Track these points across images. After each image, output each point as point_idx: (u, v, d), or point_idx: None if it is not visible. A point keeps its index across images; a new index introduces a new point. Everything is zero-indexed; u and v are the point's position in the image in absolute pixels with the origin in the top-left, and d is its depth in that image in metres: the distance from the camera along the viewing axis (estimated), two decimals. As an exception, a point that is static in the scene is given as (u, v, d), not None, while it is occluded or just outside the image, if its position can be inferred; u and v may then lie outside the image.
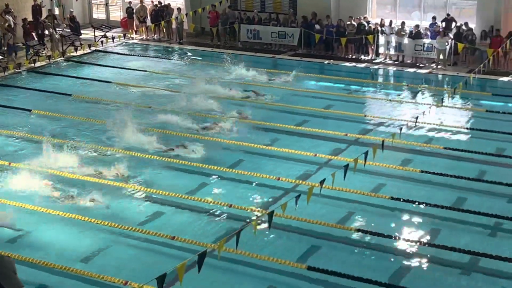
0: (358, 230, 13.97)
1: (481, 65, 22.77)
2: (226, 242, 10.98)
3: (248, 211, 14.87)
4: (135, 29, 33.50)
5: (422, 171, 16.79)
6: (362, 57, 29.32)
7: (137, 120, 19.96)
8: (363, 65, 28.26)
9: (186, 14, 32.36)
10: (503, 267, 12.57)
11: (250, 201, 15.42)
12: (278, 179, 16.42)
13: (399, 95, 24.12)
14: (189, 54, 30.78)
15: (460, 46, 27.00)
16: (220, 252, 10.80)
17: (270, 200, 15.45)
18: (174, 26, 32.72)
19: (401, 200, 15.25)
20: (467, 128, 20.19)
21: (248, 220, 14.20)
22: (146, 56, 30.10)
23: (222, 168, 17.06)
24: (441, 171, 16.72)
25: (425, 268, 12.85)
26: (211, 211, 14.89)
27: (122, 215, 14.70)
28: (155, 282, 9.48)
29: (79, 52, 29.58)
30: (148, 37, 33.40)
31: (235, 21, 31.76)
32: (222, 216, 14.72)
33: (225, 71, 26.57)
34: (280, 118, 21.02)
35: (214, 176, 16.71)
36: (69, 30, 32.33)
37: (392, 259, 13.12)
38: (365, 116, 21.43)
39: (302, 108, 21.92)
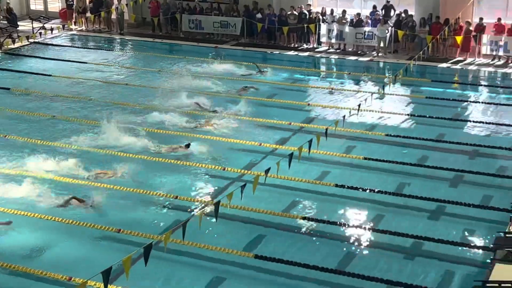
0: (304, 218, 14.06)
1: (421, 52, 23.14)
2: (172, 233, 10.89)
3: (194, 202, 14.80)
4: (74, 20, 32.89)
5: (365, 158, 17.00)
6: (304, 45, 29.46)
7: (77, 113, 19.63)
8: (305, 53, 28.41)
9: (127, 4, 31.95)
10: (446, 250, 12.82)
11: (196, 192, 15.33)
12: (224, 169, 16.38)
13: (341, 84, 24.34)
14: (130, 44, 30.41)
15: (400, 33, 27.40)
16: (167, 244, 10.71)
17: (216, 190, 15.40)
18: (114, 16, 32.24)
19: (345, 187, 15.41)
20: (408, 115, 20.50)
21: (192, 211, 14.13)
22: (86, 48, 29.61)
23: (167, 160, 16.91)
24: (384, 157, 16.95)
25: (370, 253, 13.01)
26: (157, 203, 14.75)
27: (65, 209, 14.41)
28: (100, 277, 9.34)
29: (17, 44, 28.87)
30: (88, 28, 32.83)
31: (176, 11, 31.48)
32: (169, 207, 14.60)
33: (166, 61, 26.35)
34: (224, 108, 20.93)
35: (159, 168, 16.54)
36: (6, 22, 31.52)
37: (338, 246, 13.23)
38: (309, 104, 21.55)
39: (245, 98, 21.87)
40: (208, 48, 29.26)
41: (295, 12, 29.47)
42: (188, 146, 17.36)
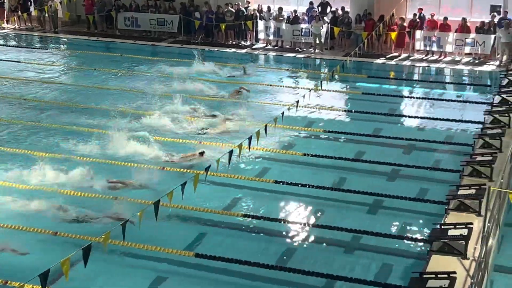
0: (245, 216, 14.06)
1: (357, 49, 23.46)
2: (112, 234, 10.74)
3: (134, 202, 14.59)
4: (6, 18, 32.08)
5: (304, 154, 17.13)
6: (242, 43, 29.50)
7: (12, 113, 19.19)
8: (243, 51, 28.45)
9: (60, 2, 31.34)
10: (385, 243, 13.03)
11: (135, 192, 15.14)
12: (163, 168, 16.25)
13: (279, 80, 24.44)
14: (64, 43, 29.86)
15: (336, 30, 27.73)
16: (106, 244, 10.56)
17: (156, 189, 15.24)
18: (48, 14, 31.59)
19: (285, 183, 15.49)
20: (345, 110, 20.77)
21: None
22: (18, 47, 28.93)
23: (109, 160, 16.65)
24: (323, 153, 17.11)
25: (311, 249, 13.11)
26: (96, 204, 14.51)
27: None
28: (38, 280, 9.14)
29: None
30: (20, 27, 32.08)
31: (111, 9, 31.06)
32: (108, 208, 14.36)
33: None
34: (158, 104, 20.79)
35: (98, 168, 16.26)
36: None
37: (279, 242, 13.29)
38: (247, 102, 21.56)
39: (189, 96, 21.75)
40: (145, 45, 29.02)
41: (232, 9, 29.48)
42: (202, 153, 16.75)
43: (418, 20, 27.16)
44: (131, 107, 20.52)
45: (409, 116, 20.50)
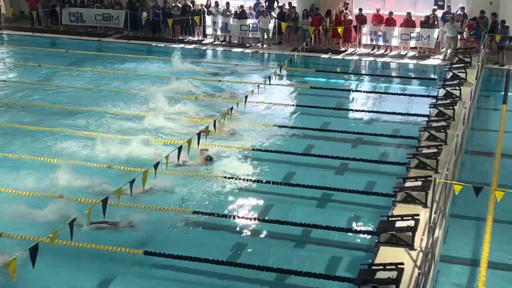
0: (195, 212, 14.00)
1: (304, 43, 23.57)
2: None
3: (82, 201, 14.39)
4: None
5: (253, 149, 17.14)
6: (190, 38, 29.35)
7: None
8: (191, 46, 28.31)
9: (3, -3, 30.69)
10: (334, 236, 13.14)
11: (82, 191, 14.91)
12: (109, 167, 16.05)
13: (228, 75, 24.38)
14: (8, 39, 29.23)
15: (284, 25, 27.81)
16: (53, 244, 10.37)
17: (103, 188, 15.04)
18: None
19: (234, 178, 15.48)
20: (293, 105, 20.85)
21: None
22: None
23: (55, 159, 16.38)
24: (271, 147, 17.16)
25: (261, 243, 13.13)
26: (42, 203, 14.24)
27: None
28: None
29: None
30: (-39, 23, 31.30)
31: (56, 4, 30.52)
32: (55, 208, 14.11)
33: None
34: (102, 101, 20.52)
35: (57, 167, 15.93)
36: None
37: (229, 237, 13.28)
38: (196, 98, 21.45)
39: (137, 92, 21.54)
40: (91, 41, 28.64)
41: (179, 4, 29.29)
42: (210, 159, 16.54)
43: (364, 14, 27.44)
44: (78, 104, 20.25)
45: (356, 110, 20.72)
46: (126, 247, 12.49)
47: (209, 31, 29.21)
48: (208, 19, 28.97)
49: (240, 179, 15.46)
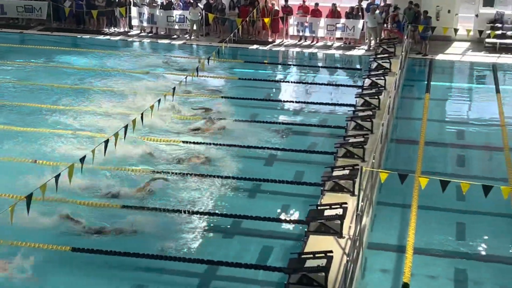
0: (123, 207, 13.80)
1: (232, 35, 23.55)
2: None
3: (6, 197, 13.97)
4: None
5: (183, 142, 17.02)
6: (116, 30, 28.89)
7: None
8: (117, 38, 27.89)
9: None
10: (264, 226, 13.20)
11: (6, 187, 14.48)
12: (35, 161, 15.66)
13: (156, 67, 24.13)
14: None
15: (211, 16, 27.70)
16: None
17: (28, 184, 14.65)
18: None
19: (163, 172, 15.35)
20: (222, 97, 20.77)
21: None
22: None
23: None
24: (200, 139, 17.09)
25: (191, 235, 13.03)
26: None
27: None
28: None
29: None
30: None
31: (-25, -5, 29.52)
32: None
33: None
34: (31, 96, 20.02)
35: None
36: None
37: (158, 231, 13.13)
38: (123, 90, 21.12)
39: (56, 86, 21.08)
40: (13, 33, 27.88)
41: (103, -5, 28.79)
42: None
43: (290, 5, 27.62)
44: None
45: (284, 101, 20.85)
46: (53, 244, 12.22)
47: (135, 22, 28.79)
48: (134, 10, 28.57)
49: (168, 172, 15.34)
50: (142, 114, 15.36)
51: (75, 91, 20.89)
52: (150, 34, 28.58)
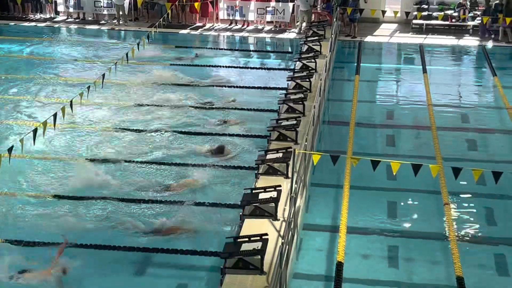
0: (55, 196, 13.56)
1: (161, 19, 23.28)
2: None
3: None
4: None
5: (117, 128, 16.81)
6: (41, 16, 28.19)
7: None
8: (43, 24, 27.24)
9: None
10: (200, 213, 13.16)
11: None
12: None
13: (84, 54, 23.68)
14: None
15: (139, 1, 27.28)
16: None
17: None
18: None
19: (98, 160, 15.17)
20: (153, 83, 20.50)
21: None
22: None
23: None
24: (131, 126, 16.94)
25: (116, 225, 12.93)
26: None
27: None
28: None
29: None
30: None
31: None
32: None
33: None
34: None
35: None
36: None
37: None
38: (57, 76, 20.69)
39: None
40: None
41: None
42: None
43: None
44: None
45: (216, 86, 20.77)
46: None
47: (60, 8, 28.14)
48: (60, -4, 27.96)
49: (104, 160, 15.15)
50: (71, 101, 15.02)
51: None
52: (77, 20, 28.00)
